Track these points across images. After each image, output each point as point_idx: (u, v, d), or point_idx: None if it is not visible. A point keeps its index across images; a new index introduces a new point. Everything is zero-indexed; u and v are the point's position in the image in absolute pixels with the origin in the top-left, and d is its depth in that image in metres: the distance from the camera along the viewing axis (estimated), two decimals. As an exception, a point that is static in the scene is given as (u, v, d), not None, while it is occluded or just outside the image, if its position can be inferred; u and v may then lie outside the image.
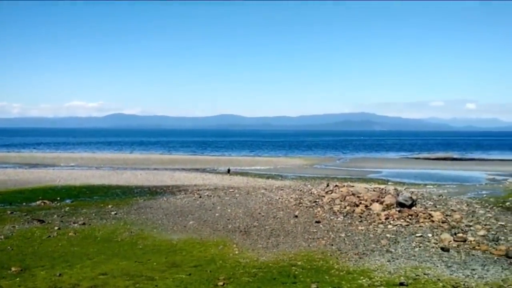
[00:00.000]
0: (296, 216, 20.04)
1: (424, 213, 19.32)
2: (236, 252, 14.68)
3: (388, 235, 16.68)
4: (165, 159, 65.04)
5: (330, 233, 17.15)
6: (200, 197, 26.11)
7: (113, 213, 21.48)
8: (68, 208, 22.96)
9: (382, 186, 28.40)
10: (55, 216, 20.72)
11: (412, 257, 13.93)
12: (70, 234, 17.22)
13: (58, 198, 26.02)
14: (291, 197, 24.59)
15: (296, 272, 12.54)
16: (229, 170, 45.26)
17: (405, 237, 16.30)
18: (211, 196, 26.43)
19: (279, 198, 24.54)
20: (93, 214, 21.20)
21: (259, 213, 20.89)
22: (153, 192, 29.29)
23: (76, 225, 18.88)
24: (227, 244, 15.69)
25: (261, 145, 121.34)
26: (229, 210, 21.73)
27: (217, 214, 20.88)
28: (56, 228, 18.17)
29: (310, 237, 16.63)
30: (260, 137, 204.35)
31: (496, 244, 15.21)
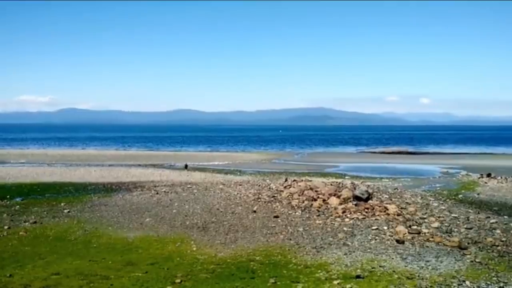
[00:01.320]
0: (255, 211, 20.02)
1: (380, 206, 19.68)
2: (194, 249, 14.52)
3: (345, 228, 16.89)
4: (120, 155, 63.70)
5: (289, 227, 17.21)
6: (157, 193, 25.69)
7: (66, 211, 20.81)
8: (18, 206, 22.07)
9: (340, 180, 28.78)
10: (5, 215, 19.88)
11: (368, 250, 14.15)
12: (21, 233, 16.57)
13: (8, 196, 24.97)
14: (250, 192, 24.55)
15: (255, 268, 12.52)
16: (186, 166, 44.80)
17: (362, 230, 16.55)
18: (168, 192, 26.04)
19: (237, 194, 24.46)
20: (45, 213, 20.47)
21: (218, 209, 20.75)
22: (108, 189, 28.60)
23: (27, 224, 18.18)
24: (184, 241, 15.50)
25: (219, 140, 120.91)
26: (186, 206, 21.47)
27: (174, 211, 20.60)
28: (6, 227, 17.43)
29: (268, 232, 16.65)
30: (219, 132, 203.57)
31: (449, 236, 15.65)
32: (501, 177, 32.16)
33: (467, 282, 11.26)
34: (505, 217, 19.18)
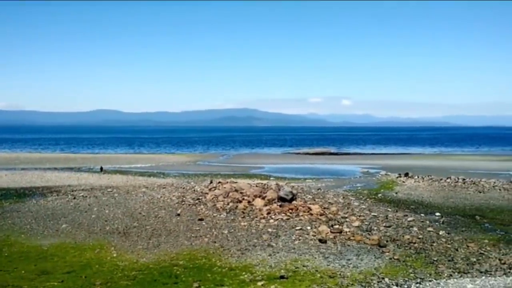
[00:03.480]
0: (179, 215, 19.61)
1: (303, 207, 19.96)
2: (114, 255, 13.96)
3: (269, 229, 16.94)
4: (34, 158, 60.09)
5: (213, 230, 17.00)
6: (75, 198, 24.46)
7: (-28, 219, 19.24)
8: None
9: (265, 182, 28.94)
10: None
11: (292, 250, 14.28)
12: None
13: None
14: (174, 195, 24.05)
15: (178, 272, 12.25)
16: (102, 169, 43.18)
17: (286, 231, 16.67)
18: (87, 196, 24.87)
19: (161, 197, 23.87)
20: None
21: (140, 213, 20.10)
22: (20, 194, 26.86)
23: None
24: (104, 247, 14.85)
25: (142, 142, 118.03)
26: (107, 211, 20.60)
27: (93, 216, 19.68)
28: None
29: (192, 235, 16.35)
30: (141, 134, 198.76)
31: (369, 234, 16.17)
32: (418, 176, 33.84)
33: (386, 279, 11.65)
34: (422, 215, 20.16)
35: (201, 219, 18.68)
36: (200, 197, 22.88)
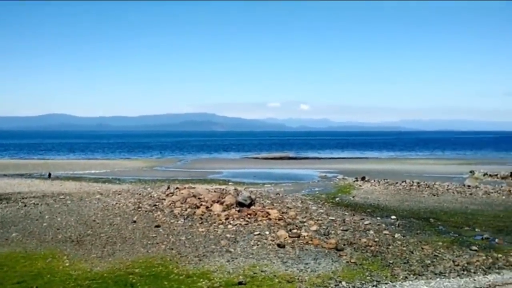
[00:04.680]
0: (135, 222, 19.17)
1: (262, 212, 19.93)
2: (67, 264, 13.46)
3: (228, 235, 16.80)
4: (-19, 165, 57.64)
5: (170, 237, 16.70)
6: (25, 205, 23.53)
7: None
8: None
9: (223, 187, 28.75)
10: None
11: (251, 256, 14.19)
12: None
13: None
14: (130, 202, 23.53)
15: (134, 281, 11.93)
16: (49, 175, 41.87)
17: (244, 236, 16.58)
18: (38, 204, 23.98)
19: (116, 203, 23.29)
20: None
21: (94, 220, 19.52)
22: (-33, 202, 25.60)
23: None
24: (56, 256, 14.30)
25: (96, 147, 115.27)
26: (59, 219, 19.90)
27: (45, 224, 18.96)
28: None
29: (149, 242, 16.00)
30: (96, 139, 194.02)
31: (327, 238, 16.28)
32: (374, 180, 34.52)
33: (343, 282, 11.73)
34: (378, 218, 20.48)
35: (158, 226, 18.33)
36: (157, 203, 22.49)
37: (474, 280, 11.82)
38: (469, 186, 31.56)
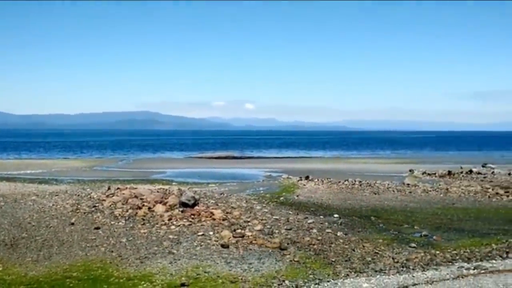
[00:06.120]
0: (73, 224, 18.47)
1: (206, 212, 19.75)
2: (0, 269, 12.78)
3: (170, 236, 16.51)
4: None
5: (111, 239, 16.20)
6: (-47, 208, 22.12)
7: None
8: None
9: (167, 187, 28.30)
10: None
11: (194, 257, 14.00)
12: None
13: None
14: (67, 203, 22.66)
15: (71, 285, 11.52)
16: None
17: (188, 237, 16.35)
18: (-32, 206, 22.60)
19: (53, 205, 22.36)
20: None
21: (29, 223, 18.63)
22: None
23: None
24: (-13, 261, 13.51)
25: (32, 146, 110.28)
26: (-10, 222, 18.83)
27: (-25, 227, 17.89)
28: None
29: (88, 245, 15.45)
30: (32, 137, 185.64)
31: (271, 238, 16.32)
32: (318, 179, 34.98)
33: (287, 281, 11.79)
34: (321, 217, 20.76)
35: (97, 228, 17.75)
36: (97, 205, 21.81)
37: (413, 276, 12.16)
38: (408, 184, 32.49)
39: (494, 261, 13.70)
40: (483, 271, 12.30)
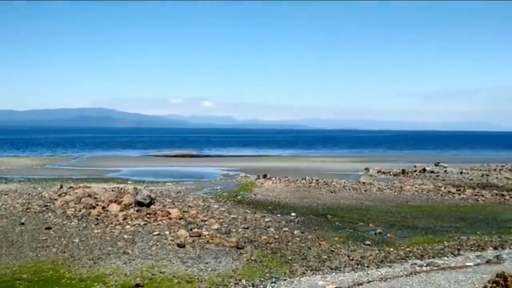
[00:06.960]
0: (23, 224, 17.82)
1: (162, 211, 19.49)
2: None
3: (125, 236, 16.18)
4: None
5: (62, 239, 15.72)
6: None
7: None
8: None
9: (122, 186, 27.75)
10: None
11: (149, 257, 13.78)
12: None
13: None
14: (17, 203, 21.86)
15: (21, 287, 11.15)
16: None
17: (143, 237, 16.07)
18: None
19: (2, 204, 21.52)
20: None
21: (-24, 223, 17.83)
22: None
23: None
24: None
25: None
26: None
27: None
28: None
29: (39, 245, 14.93)
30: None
31: (228, 237, 16.26)
32: (275, 178, 35.07)
33: (243, 280, 11.77)
34: (278, 215, 20.85)
35: (48, 228, 17.19)
36: (48, 204, 21.17)
37: (368, 273, 12.38)
38: (364, 183, 33.05)
39: (446, 258, 14.17)
40: (435, 268, 12.67)
